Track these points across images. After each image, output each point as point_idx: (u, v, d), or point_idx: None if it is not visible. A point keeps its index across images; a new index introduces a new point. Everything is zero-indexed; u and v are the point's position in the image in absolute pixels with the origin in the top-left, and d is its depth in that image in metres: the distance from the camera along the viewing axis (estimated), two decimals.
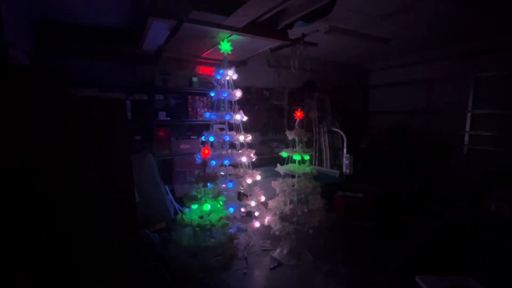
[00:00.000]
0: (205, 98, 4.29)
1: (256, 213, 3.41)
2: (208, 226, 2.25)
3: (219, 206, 2.42)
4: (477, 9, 3.06)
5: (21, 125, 1.55)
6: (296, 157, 2.99)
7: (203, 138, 3.27)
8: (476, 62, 4.46)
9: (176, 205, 3.70)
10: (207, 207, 2.31)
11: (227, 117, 3.20)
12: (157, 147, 3.88)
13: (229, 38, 3.09)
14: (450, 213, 2.57)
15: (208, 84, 4.18)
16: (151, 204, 3.27)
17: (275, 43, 3.41)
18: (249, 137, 3.33)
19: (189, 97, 4.21)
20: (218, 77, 3.21)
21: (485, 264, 2.24)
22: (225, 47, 3.13)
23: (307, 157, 3.01)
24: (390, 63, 5.87)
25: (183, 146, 4.08)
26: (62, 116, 1.68)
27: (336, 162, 5.40)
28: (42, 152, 1.61)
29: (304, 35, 3.56)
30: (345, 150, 4.98)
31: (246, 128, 3.44)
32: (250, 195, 3.38)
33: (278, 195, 3.17)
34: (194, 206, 2.36)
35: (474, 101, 4.56)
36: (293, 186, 3.08)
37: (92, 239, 1.81)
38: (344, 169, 4.80)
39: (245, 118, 3.33)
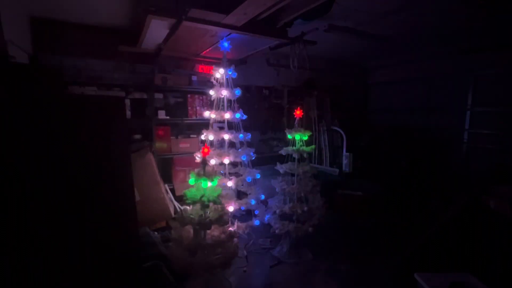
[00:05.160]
0: (204, 96, 4.28)
1: (256, 212, 3.41)
2: (207, 221, 2.24)
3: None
4: (477, 6, 3.06)
5: (20, 123, 1.55)
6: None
7: (202, 137, 3.27)
8: (475, 60, 4.46)
9: (176, 203, 3.70)
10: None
11: (227, 116, 3.20)
12: (156, 146, 3.87)
13: (228, 36, 3.08)
14: (450, 210, 2.58)
15: (208, 82, 4.17)
16: (151, 202, 3.28)
17: (275, 41, 3.41)
18: (249, 136, 3.33)
19: (188, 95, 4.20)
20: (218, 76, 3.21)
21: (484, 261, 2.24)
22: (224, 45, 3.13)
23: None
24: (390, 61, 5.87)
25: (182, 145, 4.08)
26: (61, 115, 1.68)
27: (335, 161, 5.40)
28: (41, 150, 1.61)
29: (303, 34, 3.56)
30: (344, 149, 4.99)
31: (246, 126, 3.43)
32: (250, 194, 3.38)
33: (277, 193, 3.18)
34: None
35: (473, 99, 4.56)
36: (293, 184, 3.08)
37: (92, 237, 1.81)
38: (343, 168, 4.81)
39: (244, 117, 3.33)
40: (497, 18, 3.53)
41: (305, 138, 3.05)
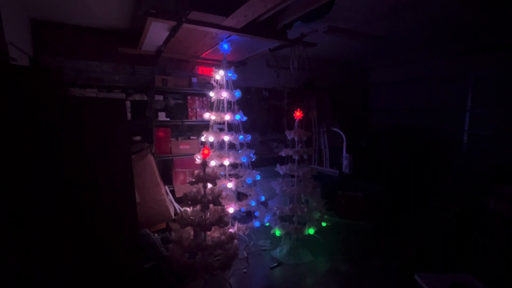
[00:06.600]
0: (204, 98, 4.30)
1: (256, 213, 3.42)
2: (207, 223, 2.24)
3: None
4: (476, 6, 3.07)
5: (20, 125, 1.56)
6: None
7: (202, 139, 3.28)
8: (475, 61, 4.46)
9: (176, 205, 3.71)
10: None
11: (227, 118, 3.21)
12: (156, 147, 3.88)
13: (228, 38, 3.09)
14: (450, 210, 2.58)
15: (208, 84, 4.19)
16: (152, 204, 3.28)
17: (274, 43, 3.42)
18: (249, 137, 3.33)
19: (188, 97, 4.22)
20: (218, 78, 3.22)
21: (484, 261, 2.24)
22: (224, 47, 3.14)
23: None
24: (389, 62, 5.88)
25: (182, 147, 4.09)
26: (62, 117, 1.69)
27: (336, 162, 5.40)
28: (41, 152, 1.62)
29: (303, 35, 3.57)
30: (344, 150, 4.99)
31: (246, 128, 3.45)
32: (250, 195, 3.39)
33: (278, 194, 3.18)
34: None
35: (473, 100, 4.57)
36: (293, 186, 3.09)
37: (92, 239, 1.82)
38: (344, 169, 4.81)
39: (244, 118, 3.34)
40: (497, 18, 3.54)
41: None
